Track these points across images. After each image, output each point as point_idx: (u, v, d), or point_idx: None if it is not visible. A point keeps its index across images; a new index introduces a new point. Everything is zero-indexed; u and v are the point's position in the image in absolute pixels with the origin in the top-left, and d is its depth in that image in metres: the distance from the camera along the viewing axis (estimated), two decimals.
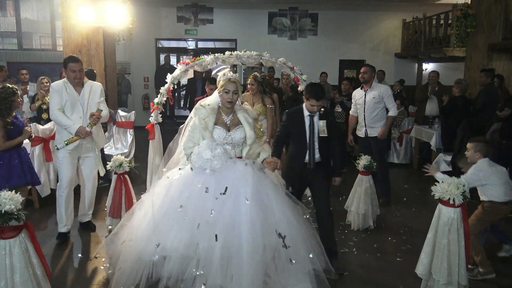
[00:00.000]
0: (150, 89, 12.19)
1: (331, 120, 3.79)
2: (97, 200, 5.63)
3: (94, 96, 4.24)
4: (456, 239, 2.94)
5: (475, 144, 3.70)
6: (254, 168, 3.19)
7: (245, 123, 3.30)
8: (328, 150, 3.82)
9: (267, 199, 3.05)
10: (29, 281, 2.46)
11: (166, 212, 2.98)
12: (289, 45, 12.05)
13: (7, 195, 2.41)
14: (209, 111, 3.23)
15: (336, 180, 3.90)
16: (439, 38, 9.85)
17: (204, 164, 3.03)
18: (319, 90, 3.67)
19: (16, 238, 2.44)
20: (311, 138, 3.72)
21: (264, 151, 3.42)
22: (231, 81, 3.21)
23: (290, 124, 3.81)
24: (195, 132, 3.23)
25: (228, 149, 3.23)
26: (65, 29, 7.18)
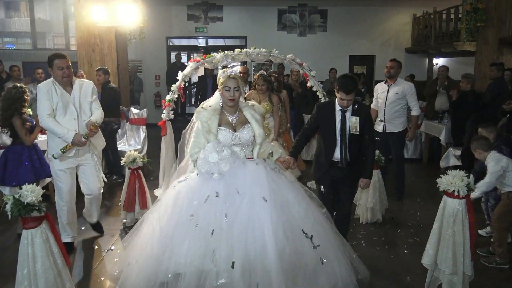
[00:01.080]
0: (161, 87, 12.35)
1: (365, 116, 3.45)
2: (111, 195, 5.83)
3: (86, 95, 3.90)
4: (461, 230, 3.00)
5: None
6: (267, 166, 2.97)
7: (252, 120, 3.04)
8: (359, 150, 3.52)
9: (285, 198, 2.81)
10: (50, 269, 2.60)
11: (177, 224, 2.68)
12: (298, 42, 12.10)
13: (29, 187, 2.55)
14: (211, 112, 2.99)
15: (364, 182, 3.58)
16: (449, 32, 9.82)
17: (211, 168, 2.79)
18: (349, 82, 3.35)
19: (37, 228, 2.57)
20: (342, 134, 3.43)
21: (276, 150, 3.19)
22: (231, 77, 2.98)
23: (319, 117, 3.55)
24: (199, 136, 2.98)
25: (236, 150, 2.98)
26: (79, 28, 7.34)
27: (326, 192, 3.59)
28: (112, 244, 4.23)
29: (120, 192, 5.62)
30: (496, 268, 3.78)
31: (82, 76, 6.36)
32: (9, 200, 2.54)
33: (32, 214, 2.53)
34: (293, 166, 3.26)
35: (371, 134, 3.56)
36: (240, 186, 2.74)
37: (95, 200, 4.18)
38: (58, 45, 13.24)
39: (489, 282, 3.57)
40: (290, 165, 3.21)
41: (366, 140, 3.50)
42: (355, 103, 3.44)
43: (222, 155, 2.81)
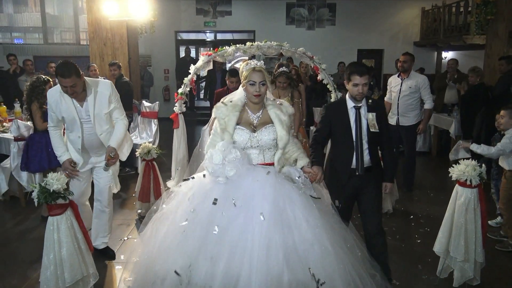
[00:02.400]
0: (170, 81, 12.44)
1: (381, 113, 3.11)
2: (125, 187, 5.93)
3: (102, 105, 3.39)
4: (473, 218, 3.07)
5: (509, 111, 3.90)
6: (279, 177, 2.58)
7: (276, 120, 2.68)
8: (377, 152, 3.16)
9: (294, 219, 2.39)
10: (75, 255, 2.70)
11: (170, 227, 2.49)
12: (307, 36, 12.11)
13: (54, 175, 2.65)
14: (230, 108, 2.68)
15: (388, 186, 3.19)
16: (459, 26, 9.80)
17: (215, 170, 2.50)
18: (360, 64, 3.10)
19: (62, 215, 2.67)
20: (358, 135, 3.01)
21: (303, 157, 2.80)
22: (256, 70, 2.64)
23: (330, 119, 3.12)
24: (216, 134, 2.72)
25: (254, 154, 2.67)
26: (91, 23, 7.44)
27: (342, 207, 3.03)
28: (129, 233, 4.34)
29: (134, 184, 5.75)
30: (507, 256, 3.85)
31: (95, 71, 6.45)
32: (36, 188, 2.63)
33: (58, 201, 2.63)
34: (321, 178, 2.83)
35: (387, 131, 3.17)
36: (239, 197, 2.42)
37: (105, 215, 3.72)
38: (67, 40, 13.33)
39: (500, 269, 3.63)
40: (318, 178, 2.78)
41: (384, 139, 3.13)
42: (369, 99, 3.11)
43: (229, 157, 2.49)
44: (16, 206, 5.17)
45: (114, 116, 3.52)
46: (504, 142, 3.82)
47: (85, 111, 3.36)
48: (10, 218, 4.86)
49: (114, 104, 3.49)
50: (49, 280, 2.65)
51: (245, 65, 2.74)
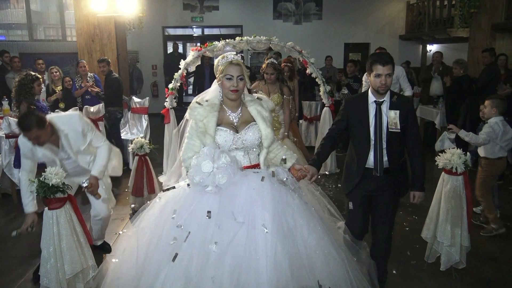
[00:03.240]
0: (158, 77, 12.43)
1: (407, 110, 2.77)
2: (118, 182, 5.95)
3: (78, 143, 3.26)
4: (459, 204, 3.20)
5: (492, 101, 4.09)
6: (274, 182, 2.35)
7: (258, 118, 2.48)
8: (401, 153, 2.85)
9: (295, 226, 2.23)
10: (74, 247, 2.75)
11: (156, 248, 2.20)
12: (294, 30, 12.19)
13: (52, 170, 2.69)
14: (208, 109, 2.42)
15: (416, 196, 2.87)
16: (443, 19, 9.98)
17: (205, 179, 2.25)
18: (383, 53, 2.82)
19: (61, 208, 2.72)
20: (377, 133, 2.76)
21: (291, 155, 2.59)
22: (234, 63, 2.43)
23: (349, 114, 2.88)
24: (193, 138, 2.43)
25: (239, 156, 2.45)
26: (78, 19, 7.41)
27: (354, 210, 2.91)
28: (123, 227, 4.39)
29: (125, 179, 5.79)
30: (491, 240, 4.01)
31: (84, 67, 6.44)
32: (35, 183, 2.68)
33: (57, 195, 2.68)
34: (313, 178, 2.62)
35: (415, 132, 2.85)
36: (238, 209, 2.18)
37: (102, 222, 3.67)
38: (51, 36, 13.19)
39: (484, 253, 3.78)
40: (310, 176, 2.59)
41: (410, 141, 2.82)
42: (394, 94, 2.82)
43: (218, 164, 2.26)
44: (8, 203, 5.18)
45: (94, 145, 3.37)
46: (487, 130, 3.98)
47: (63, 152, 3.22)
48: (3, 216, 4.87)
49: (90, 136, 3.31)
50: (49, 273, 2.70)
51: (221, 58, 2.50)
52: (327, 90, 5.97)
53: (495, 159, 4.07)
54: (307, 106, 7.77)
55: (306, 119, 7.77)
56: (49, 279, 2.71)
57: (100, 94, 6.35)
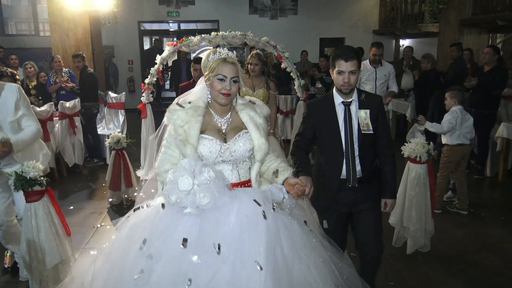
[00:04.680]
0: (134, 72, 12.36)
1: (377, 109, 2.51)
2: (94, 177, 6.00)
3: (6, 113, 2.96)
4: (423, 191, 3.40)
5: (451, 92, 4.41)
6: (268, 206, 1.90)
7: (251, 125, 2.06)
8: (373, 158, 2.58)
9: (292, 261, 1.84)
10: (53, 239, 2.80)
11: (120, 281, 1.81)
12: (270, 25, 12.29)
13: (30, 164, 2.73)
14: (190, 112, 2.01)
15: (388, 203, 2.57)
16: (414, 14, 10.26)
17: (183, 199, 1.83)
18: (347, 47, 2.47)
19: (40, 201, 2.76)
20: (348, 138, 2.46)
21: (284, 167, 2.16)
22: (228, 61, 2.01)
23: (314, 120, 2.57)
24: (171, 147, 2.03)
25: (226, 170, 2.02)
26: (51, 14, 7.33)
27: (330, 229, 2.45)
28: (101, 221, 4.44)
29: (102, 174, 5.85)
30: (453, 224, 4.26)
31: (59, 62, 6.41)
32: (12, 176, 2.72)
33: (35, 188, 2.73)
34: (311, 191, 2.15)
35: (386, 133, 2.58)
36: (222, 238, 1.77)
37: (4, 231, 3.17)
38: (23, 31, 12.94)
39: (447, 237, 4.00)
40: (309, 190, 2.12)
41: (381, 143, 2.54)
42: (362, 92, 2.55)
43: (200, 180, 1.84)
44: None
45: (23, 124, 3.03)
46: (448, 118, 4.26)
47: None
48: None
49: (23, 111, 3.01)
50: (29, 264, 2.75)
51: (212, 53, 2.05)
52: (301, 84, 6.11)
53: (455, 145, 4.34)
54: (283, 100, 7.92)
55: (282, 112, 7.91)
56: (29, 271, 2.76)
57: (75, 89, 6.33)
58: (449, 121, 4.24)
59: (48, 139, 5.58)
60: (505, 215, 4.54)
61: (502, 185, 5.55)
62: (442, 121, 4.29)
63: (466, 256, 3.67)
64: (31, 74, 6.78)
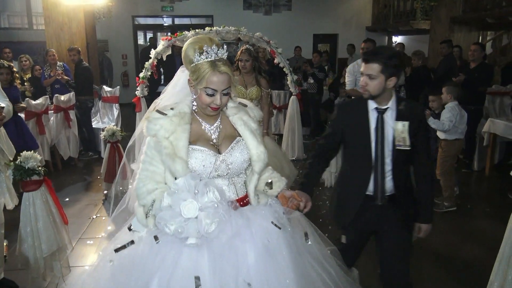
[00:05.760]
0: (129, 66, 12.39)
1: (418, 121, 2.19)
2: (89, 170, 6.07)
3: None
4: None
5: (447, 88, 4.53)
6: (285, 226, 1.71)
7: (246, 131, 1.78)
8: (408, 175, 2.29)
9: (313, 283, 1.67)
10: (50, 227, 2.89)
11: None
12: (264, 21, 12.36)
13: (28, 154, 2.81)
14: (176, 120, 1.68)
15: (423, 229, 2.32)
16: (406, 11, 10.39)
17: (185, 228, 1.51)
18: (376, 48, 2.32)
19: (38, 190, 2.84)
20: (379, 150, 2.18)
21: (278, 178, 1.91)
22: (221, 71, 1.63)
23: (343, 124, 2.28)
24: (153, 162, 1.69)
25: (222, 186, 1.72)
26: (46, 7, 7.34)
27: (348, 244, 2.35)
28: (97, 212, 4.52)
29: (97, 167, 5.92)
30: (441, 217, 4.38)
31: (53, 56, 6.45)
32: (11, 166, 2.79)
33: (33, 177, 2.80)
34: (307, 207, 1.88)
35: (426, 149, 2.27)
36: (246, 273, 1.53)
37: None
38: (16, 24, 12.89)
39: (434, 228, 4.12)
40: (304, 205, 1.86)
41: (419, 160, 2.25)
42: (403, 100, 2.21)
43: (203, 203, 1.54)
44: None
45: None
46: (448, 115, 4.38)
47: None
48: None
49: None
50: (27, 252, 2.84)
51: (197, 50, 1.64)
52: (294, 79, 6.21)
53: (453, 140, 4.48)
54: (276, 95, 8.01)
55: (275, 107, 8.00)
56: (26, 258, 2.85)
57: (70, 82, 6.38)
58: (450, 119, 4.35)
59: (43, 132, 5.64)
60: (490, 207, 4.69)
61: (488, 179, 5.70)
62: (442, 119, 4.39)
63: (451, 247, 3.80)
64: (26, 67, 6.82)
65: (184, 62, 1.73)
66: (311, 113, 7.93)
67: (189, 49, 1.67)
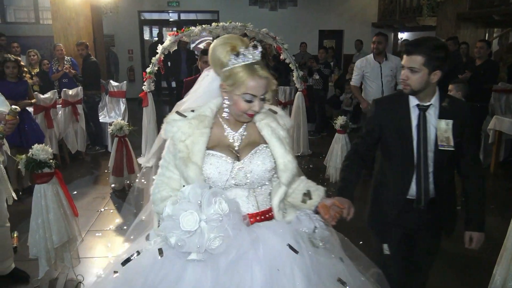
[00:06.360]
0: (134, 61, 12.45)
1: (462, 119, 2.03)
2: (97, 164, 6.14)
3: None
4: None
5: (456, 85, 4.44)
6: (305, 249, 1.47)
7: (273, 138, 1.61)
8: (451, 177, 2.16)
9: None
10: (61, 219, 2.94)
11: None
12: (270, 16, 12.35)
13: (39, 147, 2.87)
14: (195, 123, 1.56)
15: (474, 238, 2.15)
16: (413, 8, 10.37)
17: (186, 242, 1.37)
18: (419, 39, 2.06)
19: (49, 183, 2.90)
20: (421, 150, 2.03)
21: (316, 187, 1.75)
22: (260, 75, 1.49)
23: (382, 122, 2.11)
24: (170, 167, 1.60)
25: (241, 197, 1.57)
26: (53, 2, 7.41)
27: (392, 255, 2.16)
28: (105, 205, 4.58)
29: (104, 161, 5.98)
30: None
31: (61, 50, 6.50)
32: (22, 159, 2.85)
33: (44, 170, 2.86)
34: (351, 215, 1.76)
35: (473, 149, 2.12)
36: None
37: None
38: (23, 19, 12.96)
39: None
40: (347, 213, 1.72)
41: (467, 162, 2.10)
42: (447, 97, 2.05)
43: (209, 214, 1.38)
44: None
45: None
46: None
47: None
48: None
49: None
50: (38, 243, 2.89)
51: (231, 52, 1.47)
52: (300, 75, 6.24)
53: None
54: (282, 91, 8.03)
55: (281, 103, 8.03)
56: (38, 249, 2.91)
57: (77, 76, 6.44)
58: None
59: (51, 126, 5.71)
60: (495, 204, 4.70)
61: (493, 176, 5.71)
62: None
63: (455, 242, 3.82)
64: (34, 61, 6.88)
65: (213, 65, 1.57)
66: (316, 109, 7.95)
67: (220, 51, 1.50)
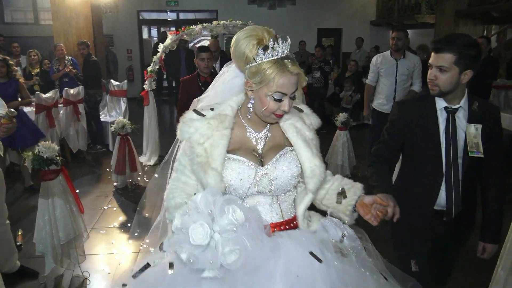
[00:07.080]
0: (134, 61, 12.46)
1: (491, 123, 1.91)
2: (98, 163, 6.16)
3: None
4: None
5: None
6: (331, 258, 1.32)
7: (299, 141, 1.47)
8: (476, 187, 2.04)
9: None
10: (68, 216, 2.97)
11: None
12: (268, 15, 12.38)
13: (46, 144, 2.89)
14: (214, 124, 1.42)
15: (487, 249, 2.01)
16: (411, 5, 10.41)
17: (197, 257, 1.21)
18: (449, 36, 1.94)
19: (55, 180, 2.93)
20: (450, 156, 1.89)
21: (351, 183, 1.59)
22: (291, 72, 1.34)
23: (406, 125, 1.98)
24: (186, 172, 1.47)
25: (264, 205, 1.45)
26: (53, 3, 7.41)
27: (423, 271, 1.98)
28: (107, 203, 4.61)
29: (106, 160, 6.01)
30: None
31: (62, 50, 6.52)
32: (29, 156, 2.87)
33: (51, 167, 2.88)
34: (397, 214, 1.55)
35: (497, 156, 1.97)
36: None
37: None
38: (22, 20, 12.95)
39: None
40: (392, 212, 1.51)
41: (490, 169, 1.97)
42: (476, 100, 1.91)
43: (221, 225, 1.22)
44: None
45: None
46: None
47: None
48: None
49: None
50: (44, 239, 2.92)
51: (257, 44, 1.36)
52: None
53: None
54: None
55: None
56: (45, 246, 2.93)
57: (78, 75, 6.46)
58: None
59: (53, 125, 5.72)
60: None
61: None
62: None
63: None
64: (34, 61, 6.89)
65: (236, 61, 1.42)
66: (316, 106, 7.98)
67: (245, 45, 1.35)
